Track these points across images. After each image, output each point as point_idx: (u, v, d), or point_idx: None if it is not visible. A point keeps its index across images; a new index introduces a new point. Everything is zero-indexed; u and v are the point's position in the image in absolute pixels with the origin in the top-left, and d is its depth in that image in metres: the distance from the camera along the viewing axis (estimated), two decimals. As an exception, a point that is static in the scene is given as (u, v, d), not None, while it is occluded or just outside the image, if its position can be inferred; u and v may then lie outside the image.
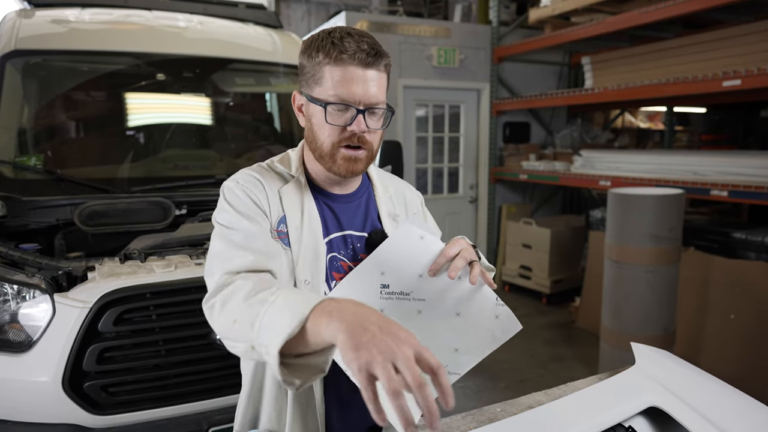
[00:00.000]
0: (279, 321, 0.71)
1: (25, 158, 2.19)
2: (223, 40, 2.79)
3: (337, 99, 0.93)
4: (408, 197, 1.22)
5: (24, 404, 1.57)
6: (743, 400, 1.04)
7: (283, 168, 1.07)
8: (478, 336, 1.06)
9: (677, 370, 1.14)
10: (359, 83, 0.93)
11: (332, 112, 0.94)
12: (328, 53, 0.93)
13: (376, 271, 1.00)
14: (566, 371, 3.62)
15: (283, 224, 1.00)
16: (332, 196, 1.08)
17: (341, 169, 0.99)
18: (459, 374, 1.06)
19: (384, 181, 1.19)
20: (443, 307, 1.03)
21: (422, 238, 1.02)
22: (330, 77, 0.94)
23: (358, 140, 0.96)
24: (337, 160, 0.98)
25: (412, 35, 4.96)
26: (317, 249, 1.01)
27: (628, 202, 3.05)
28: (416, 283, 1.01)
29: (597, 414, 1.00)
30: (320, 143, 0.98)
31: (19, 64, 2.33)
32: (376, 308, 0.92)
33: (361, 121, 0.95)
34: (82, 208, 1.94)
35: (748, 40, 3.54)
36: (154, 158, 2.46)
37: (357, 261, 1.06)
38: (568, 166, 4.90)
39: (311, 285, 1.00)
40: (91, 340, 1.60)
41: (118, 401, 1.64)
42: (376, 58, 0.94)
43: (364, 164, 1.01)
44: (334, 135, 0.96)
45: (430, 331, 1.02)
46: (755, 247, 3.50)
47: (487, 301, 1.05)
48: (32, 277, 1.64)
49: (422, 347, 0.63)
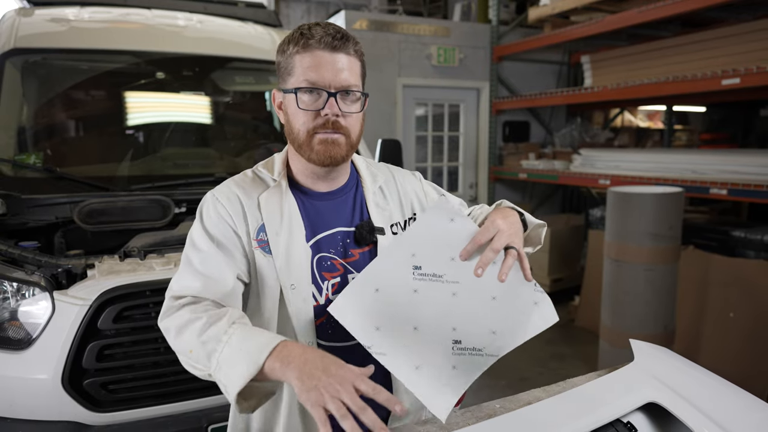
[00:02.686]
0: (236, 365, 0.80)
1: (24, 156, 2.19)
2: (222, 39, 2.79)
3: (307, 84, 0.95)
4: (402, 183, 1.18)
5: (24, 401, 1.57)
6: (742, 397, 1.04)
7: (266, 173, 1.07)
8: (517, 321, 1.03)
9: (676, 366, 1.15)
10: (328, 67, 0.94)
11: (303, 97, 0.95)
12: (297, 42, 0.96)
13: (407, 253, 0.97)
14: (566, 369, 3.62)
15: (262, 233, 1.00)
16: (318, 195, 1.06)
17: (320, 156, 0.97)
18: (497, 356, 1.02)
19: (372, 170, 1.16)
20: (479, 291, 0.99)
21: (452, 221, 0.98)
22: (300, 65, 0.95)
23: (332, 125, 0.96)
24: (314, 146, 0.97)
25: (411, 34, 4.96)
26: (300, 253, 1.01)
27: (628, 200, 3.05)
28: (449, 266, 0.98)
29: (596, 410, 1.00)
30: (296, 132, 0.98)
31: (18, 63, 2.33)
32: (410, 288, 0.95)
33: (333, 104, 0.95)
34: (81, 206, 1.94)
35: (747, 39, 3.55)
36: (154, 156, 2.46)
37: (348, 257, 1.05)
38: (567, 165, 4.90)
39: (297, 289, 0.99)
40: (91, 337, 1.60)
41: (117, 398, 1.64)
42: (342, 41, 0.96)
43: (344, 150, 0.99)
44: (308, 121, 0.96)
45: (467, 312, 1.00)
46: (754, 246, 3.51)
47: (524, 286, 1.02)
48: (32, 275, 1.64)
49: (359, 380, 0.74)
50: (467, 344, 1.00)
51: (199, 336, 0.86)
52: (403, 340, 0.94)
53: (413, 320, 0.96)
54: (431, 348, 0.97)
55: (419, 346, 0.95)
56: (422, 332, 0.96)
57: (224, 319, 0.87)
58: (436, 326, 0.98)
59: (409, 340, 0.95)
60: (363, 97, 1.01)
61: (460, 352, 0.99)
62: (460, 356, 0.99)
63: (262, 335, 0.84)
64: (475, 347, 1.00)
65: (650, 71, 4.21)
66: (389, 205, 1.13)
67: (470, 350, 1.00)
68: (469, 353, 1.00)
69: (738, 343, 3.29)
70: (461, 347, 0.99)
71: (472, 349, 1.00)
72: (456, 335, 0.99)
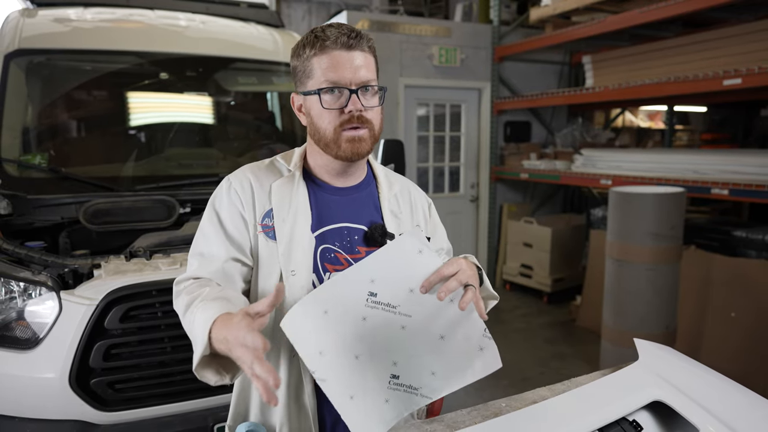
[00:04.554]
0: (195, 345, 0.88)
1: (29, 157, 2.20)
2: (225, 40, 2.80)
3: (329, 84, 0.98)
4: (414, 197, 1.21)
5: (31, 401, 1.58)
6: (746, 395, 1.05)
7: (283, 163, 1.11)
8: (458, 365, 1.01)
9: (680, 365, 1.15)
10: (346, 65, 0.97)
11: (326, 97, 0.99)
12: (313, 45, 0.99)
13: (366, 278, 0.97)
14: (567, 369, 3.63)
15: (268, 218, 1.04)
16: (331, 189, 1.09)
17: (347, 152, 1.01)
18: (430, 398, 1.01)
19: (390, 178, 1.19)
20: (428, 328, 0.99)
21: (420, 252, 0.98)
22: (318, 66, 0.98)
23: (357, 120, 0.99)
24: (342, 143, 1.00)
25: (413, 35, 4.97)
26: (303, 241, 1.03)
27: (630, 200, 3.06)
28: (405, 298, 0.98)
29: (601, 408, 1.01)
30: (323, 131, 1.01)
31: (22, 64, 2.34)
32: (359, 315, 0.96)
33: (356, 101, 0.98)
34: (87, 207, 1.95)
35: (748, 39, 3.56)
36: (158, 157, 2.47)
37: (353, 253, 1.07)
38: (568, 165, 4.91)
39: (298, 275, 1.02)
40: (98, 337, 1.61)
41: (124, 398, 1.65)
42: (357, 39, 0.99)
43: (369, 144, 1.03)
44: (333, 120, 0.99)
45: (411, 349, 0.99)
46: (756, 246, 3.52)
47: (474, 329, 1.01)
48: (38, 275, 1.65)
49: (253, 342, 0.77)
50: (404, 381, 0.99)
51: (183, 316, 0.96)
52: (343, 368, 0.94)
53: (356, 348, 0.95)
54: (368, 378, 0.96)
55: (356, 376, 0.95)
56: (362, 362, 0.96)
57: (198, 299, 0.94)
58: (377, 358, 0.97)
59: (348, 369, 0.94)
60: (381, 92, 1.04)
61: (395, 387, 0.98)
62: (394, 391, 0.98)
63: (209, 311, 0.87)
64: (411, 385, 0.99)
65: (651, 71, 4.22)
66: (402, 214, 1.15)
67: (406, 387, 0.99)
68: (404, 390, 0.99)
69: (739, 343, 3.29)
70: (398, 383, 0.99)
71: (408, 386, 0.99)
72: (395, 370, 0.98)
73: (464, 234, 5.60)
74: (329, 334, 0.94)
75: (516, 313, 4.87)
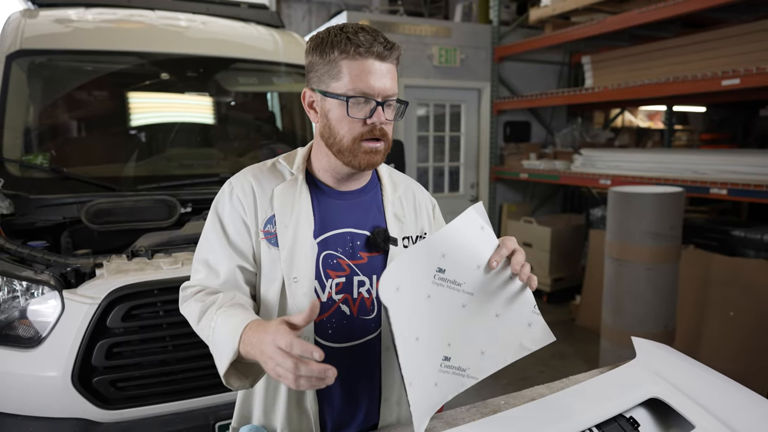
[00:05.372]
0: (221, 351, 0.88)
1: (31, 157, 2.21)
2: (226, 40, 2.81)
3: (358, 92, 0.95)
4: (419, 199, 1.19)
5: (34, 399, 1.59)
6: (743, 393, 1.06)
7: (285, 166, 1.08)
8: (507, 342, 1.03)
9: (677, 363, 1.17)
10: (377, 76, 0.95)
11: (353, 105, 0.96)
12: (345, 49, 0.94)
13: (439, 252, 0.93)
14: (567, 368, 3.64)
15: (270, 224, 1.02)
16: (334, 193, 1.07)
17: (362, 163, 0.99)
18: (476, 379, 1.01)
19: (394, 179, 1.17)
20: (487, 305, 0.99)
21: (482, 229, 0.97)
22: (348, 71, 0.94)
23: (378, 132, 0.97)
24: (358, 154, 0.98)
25: (413, 35, 4.98)
26: (306, 247, 1.01)
27: (629, 200, 3.07)
28: (471, 275, 0.96)
29: (599, 405, 1.02)
30: (340, 138, 0.98)
31: (24, 64, 2.35)
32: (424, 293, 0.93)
33: (381, 113, 0.96)
34: (89, 206, 1.96)
35: (747, 40, 3.57)
36: (159, 157, 2.49)
37: (356, 259, 1.06)
38: (568, 165, 4.92)
39: (300, 283, 1.00)
40: (100, 335, 1.62)
41: (126, 396, 1.66)
42: (390, 51, 0.97)
43: (383, 156, 1.01)
44: (354, 129, 0.97)
45: (467, 328, 0.98)
46: (754, 245, 3.52)
47: (525, 306, 1.03)
48: (41, 274, 1.66)
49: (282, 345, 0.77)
50: (455, 362, 0.98)
51: (197, 323, 0.96)
52: (405, 353, 0.89)
53: (418, 330, 0.92)
54: (423, 362, 0.94)
55: (414, 359, 0.91)
56: (421, 344, 0.92)
57: (214, 306, 0.94)
58: (435, 339, 0.95)
59: (409, 353, 0.90)
60: (402, 105, 1.02)
61: (446, 369, 0.98)
62: (444, 374, 0.98)
63: (236, 319, 0.88)
64: (460, 366, 0.99)
65: (651, 72, 4.23)
66: (406, 218, 1.13)
67: (455, 369, 0.99)
68: (453, 372, 0.99)
69: (738, 342, 3.31)
70: (448, 365, 0.98)
71: (457, 368, 0.99)
72: (448, 351, 0.97)
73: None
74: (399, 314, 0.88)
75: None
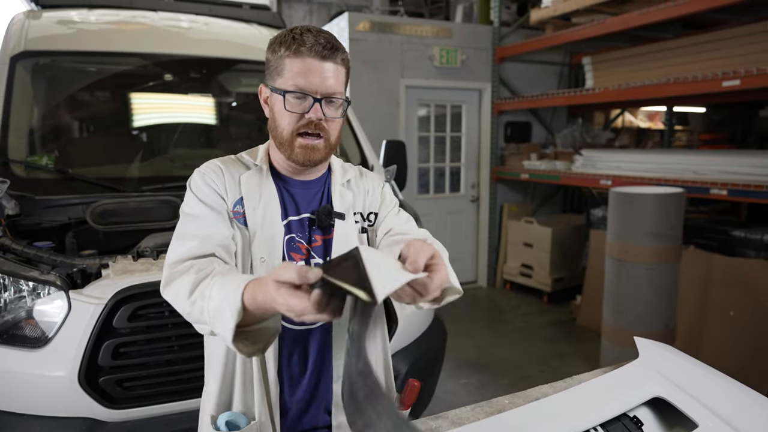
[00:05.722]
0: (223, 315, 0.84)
1: (36, 158, 2.22)
2: (228, 41, 2.82)
3: (296, 88, 1.00)
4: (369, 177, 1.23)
5: (41, 398, 1.60)
6: (745, 393, 1.07)
7: (249, 158, 1.14)
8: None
9: (680, 363, 1.18)
10: (316, 74, 1.00)
11: (291, 100, 1.01)
12: (289, 46, 1.01)
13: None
14: (568, 368, 3.66)
15: (239, 205, 1.07)
16: (295, 182, 1.13)
17: (299, 157, 1.04)
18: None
19: (345, 167, 1.23)
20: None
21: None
22: (290, 68, 1.01)
23: (315, 127, 1.02)
24: (295, 148, 1.04)
25: (414, 35, 4.99)
26: (273, 230, 1.06)
27: (630, 200, 3.08)
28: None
29: (602, 404, 1.04)
30: (280, 130, 1.04)
31: (28, 65, 2.36)
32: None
33: (318, 109, 1.01)
34: (93, 207, 1.97)
35: (747, 41, 3.58)
36: (163, 157, 2.50)
37: (312, 242, 1.11)
38: (568, 166, 4.93)
39: (267, 263, 1.05)
40: (106, 335, 1.63)
41: (133, 395, 1.67)
42: (332, 51, 1.01)
43: (323, 154, 1.06)
44: (292, 122, 1.02)
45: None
46: (754, 246, 3.54)
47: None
48: (47, 274, 1.67)
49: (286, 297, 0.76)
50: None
51: (189, 296, 0.92)
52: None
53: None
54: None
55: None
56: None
57: (209, 276, 0.92)
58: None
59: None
60: (345, 104, 1.07)
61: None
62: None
63: (235, 279, 0.87)
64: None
65: (651, 72, 4.24)
66: (353, 196, 1.19)
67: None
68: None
69: (738, 342, 3.32)
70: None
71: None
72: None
73: (465, 234, 5.63)
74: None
75: (516, 312, 4.90)
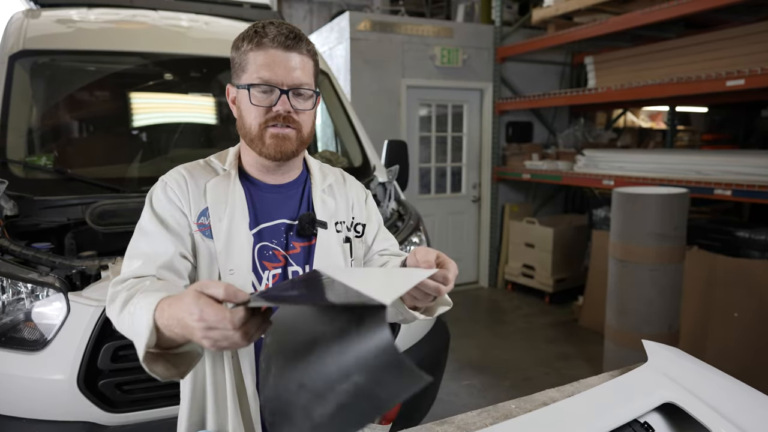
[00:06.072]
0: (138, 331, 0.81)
1: (35, 158, 2.20)
2: (228, 40, 2.78)
3: (261, 80, 0.97)
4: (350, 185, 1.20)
5: (39, 402, 1.58)
6: (756, 397, 1.05)
7: (217, 163, 1.09)
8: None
9: (689, 367, 1.16)
10: (281, 65, 0.97)
11: (256, 94, 0.98)
12: (251, 40, 0.98)
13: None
14: (570, 369, 3.63)
15: (204, 217, 1.02)
16: (266, 187, 1.08)
17: (270, 150, 1.00)
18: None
19: (324, 171, 1.18)
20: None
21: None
22: (254, 62, 0.98)
23: (284, 120, 0.99)
24: (266, 140, 0.99)
25: (415, 35, 4.97)
26: (241, 240, 1.02)
27: (633, 201, 3.06)
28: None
29: (613, 410, 1.01)
30: (248, 126, 1.00)
31: (27, 65, 2.34)
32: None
33: (285, 101, 0.98)
34: (93, 208, 1.95)
35: (751, 40, 3.56)
36: (163, 158, 2.47)
37: (290, 249, 1.07)
38: (570, 166, 4.91)
39: (236, 275, 1.00)
40: (106, 338, 1.61)
41: (132, 399, 1.65)
42: (295, 41, 0.98)
43: (295, 145, 1.01)
44: (260, 116, 0.99)
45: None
46: (759, 246, 3.52)
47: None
48: (46, 276, 1.65)
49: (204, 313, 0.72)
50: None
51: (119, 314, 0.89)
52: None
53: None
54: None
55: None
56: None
57: (138, 292, 0.88)
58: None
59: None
60: (315, 95, 1.03)
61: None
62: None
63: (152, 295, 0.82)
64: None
65: (654, 72, 4.22)
66: (336, 203, 1.14)
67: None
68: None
69: (742, 343, 3.30)
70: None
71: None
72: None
73: (466, 234, 5.61)
74: None
75: (518, 313, 4.88)
